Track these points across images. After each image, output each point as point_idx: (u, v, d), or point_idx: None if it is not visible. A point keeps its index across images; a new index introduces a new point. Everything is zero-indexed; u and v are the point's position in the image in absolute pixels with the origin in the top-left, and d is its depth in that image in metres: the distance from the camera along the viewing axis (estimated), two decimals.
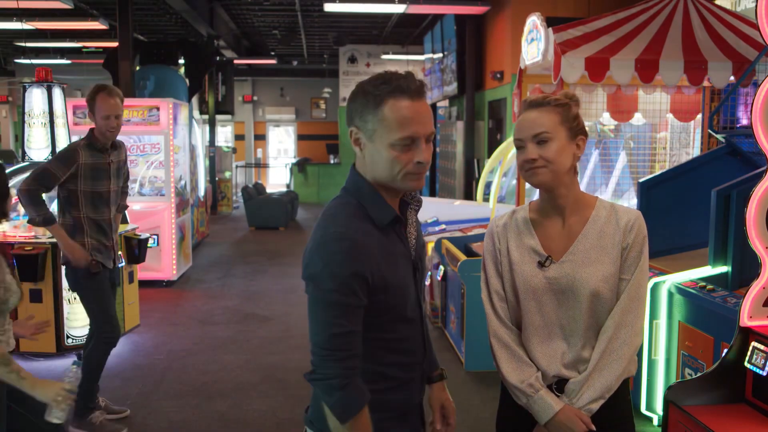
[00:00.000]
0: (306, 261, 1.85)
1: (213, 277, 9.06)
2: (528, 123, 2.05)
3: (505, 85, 11.03)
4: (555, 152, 2.03)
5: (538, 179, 2.05)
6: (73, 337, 5.57)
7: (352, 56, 18.75)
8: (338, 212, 1.85)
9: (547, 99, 2.08)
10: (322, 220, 1.87)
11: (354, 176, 1.90)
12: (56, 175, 4.08)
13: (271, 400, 4.87)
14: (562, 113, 2.06)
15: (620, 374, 2.07)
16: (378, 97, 1.76)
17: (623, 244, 2.07)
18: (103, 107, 4.04)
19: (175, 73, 12.42)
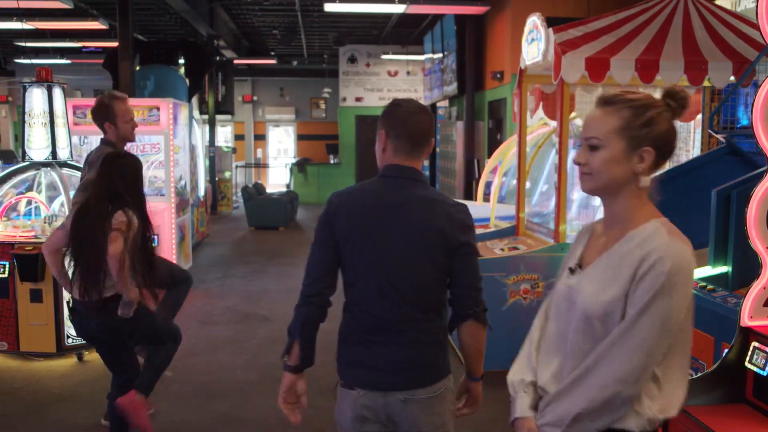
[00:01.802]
0: (469, 225, 2.38)
1: (213, 277, 9.06)
2: (587, 122, 1.87)
3: (505, 85, 11.03)
4: (601, 162, 1.82)
5: (582, 185, 1.89)
6: (73, 337, 5.57)
7: (352, 56, 18.75)
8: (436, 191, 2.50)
9: (618, 96, 1.84)
10: (446, 197, 2.46)
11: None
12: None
13: (272, 400, 4.83)
14: (627, 117, 1.81)
15: (583, 412, 1.79)
16: None
17: (636, 274, 1.77)
18: (123, 112, 4.28)
19: (175, 73, 12.43)
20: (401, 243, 2.32)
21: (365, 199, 2.41)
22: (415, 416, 2.32)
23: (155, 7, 12.76)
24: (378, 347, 2.36)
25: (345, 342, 2.51)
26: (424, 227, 2.31)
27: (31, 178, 6.00)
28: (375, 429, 2.39)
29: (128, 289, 3.59)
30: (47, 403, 4.81)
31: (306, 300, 2.45)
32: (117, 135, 4.30)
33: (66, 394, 4.96)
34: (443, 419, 2.38)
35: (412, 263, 2.32)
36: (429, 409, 2.33)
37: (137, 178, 3.74)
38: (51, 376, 5.35)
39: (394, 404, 2.33)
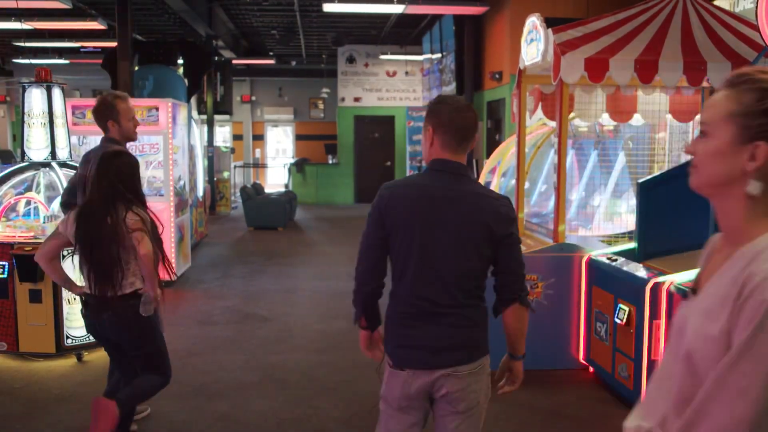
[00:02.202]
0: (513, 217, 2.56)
1: (212, 277, 9.06)
2: (705, 105, 1.52)
3: (503, 85, 11.04)
4: (703, 153, 1.49)
5: (689, 180, 1.56)
6: (73, 338, 5.57)
7: (351, 56, 18.75)
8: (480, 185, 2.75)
9: (746, 75, 1.44)
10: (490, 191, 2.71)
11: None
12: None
13: (272, 401, 4.87)
14: (747, 102, 1.41)
15: None
16: None
17: (737, 301, 1.35)
18: (126, 111, 4.35)
19: (174, 73, 12.42)
20: (447, 234, 2.50)
21: (413, 191, 2.58)
22: (454, 390, 2.53)
23: (154, 7, 12.76)
24: (424, 330, 2.54)
25: (394, 325, 2.65)
26: (471, 220, 2.50)
27: (30, 178, 5.99)
28: (418, 405, 2.61)
29: (157, 286, 3.67)
30: (47, 403, 4.81)
31: (360, 288, 2.69)
32: (120, 133, 4.36)
33: (65, 395, 4.96)
34: (478, 396, 2.59)
35: (458, 253, 2.50)
36: (467, 385, 2.54)
37: (135, 177, 3.77)
38: (50, 376, 5.35)
39: (437, 380, 2.53)
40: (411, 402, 2.59)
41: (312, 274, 9.23)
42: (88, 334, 3.91)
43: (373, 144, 19.27)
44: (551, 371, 5.27)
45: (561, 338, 5.32)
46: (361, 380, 5.24)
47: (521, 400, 4.72)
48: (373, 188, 16.68)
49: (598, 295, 5.01)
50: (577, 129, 6.78)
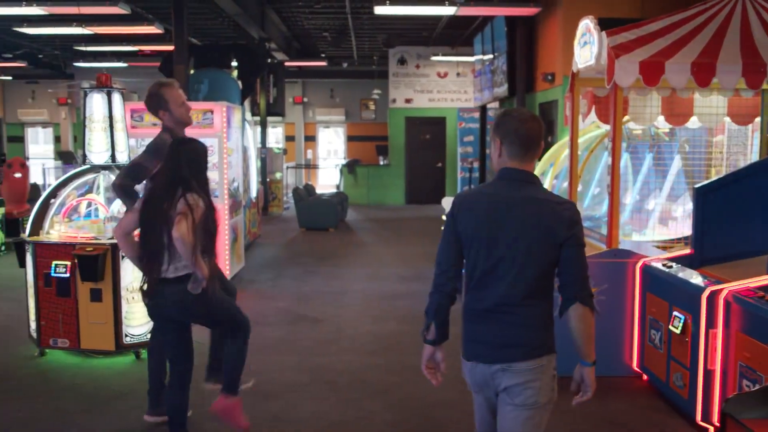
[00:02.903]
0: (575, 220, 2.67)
1: (265, 277, 9.19)
2: None
3: (556, 87, 10.93)
4: None
5: None
6: (132, 336, 5.72)
7: (402, 58, 18.78)
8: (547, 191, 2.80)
9: None
10: (554, 196, 2.76)
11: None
12: (148, 168, 4.34)
13: (322, 402, 4.93)
14: None
15: None
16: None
17: None
18: (174, 97, 4.40)
19: (228, 76, 12.63)
20: (512, 238, 2.66)
21: (483, 199, 2.78)
22: (510, 384, 2.69)
23: (209, 11, 12.99)
24: (488, 327, 2.74)
25: (466, 321, 2.85)
26: (532, 225, 2.65)
27: (91, 180, 6.16)
28: (487, 394, 2.83)
29: (199, 267, 3.74)
30: (106, 399, 4.96)
31: (437, 288, 2.86)
32: (173, 120, 4.44)
33: (124, 391, 5.10)
34: (537, 395, 2.69)
35: (522, 256, 2.66)
36: (524, 381, 2.67)
37: (201, 163, 3.90)
38: (110, 373, 5.51)
39: (495, 374, 2.72)
40: (481, 388, 2.83)
41: (363, 276, 9.29)
42: (149, 316, 4.03)
43: (424, 145, 19.27)
44: (604, 378, 5.18)
45: (614, 345, 5.25)
46: (411, 384, 5.27)
47: (572, 406, 4.68)
48: (423, 189, 16.71)
49: (653, 302, 4.94)
50: (631, 132, 6.69)
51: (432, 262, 3.01)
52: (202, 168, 3.91)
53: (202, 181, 3.88)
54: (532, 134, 2.72)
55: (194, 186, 3.80)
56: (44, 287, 5.72)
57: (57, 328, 5.72)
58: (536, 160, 2.76)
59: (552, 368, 2.74)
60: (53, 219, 5.99)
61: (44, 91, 22.93)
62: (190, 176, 3.80)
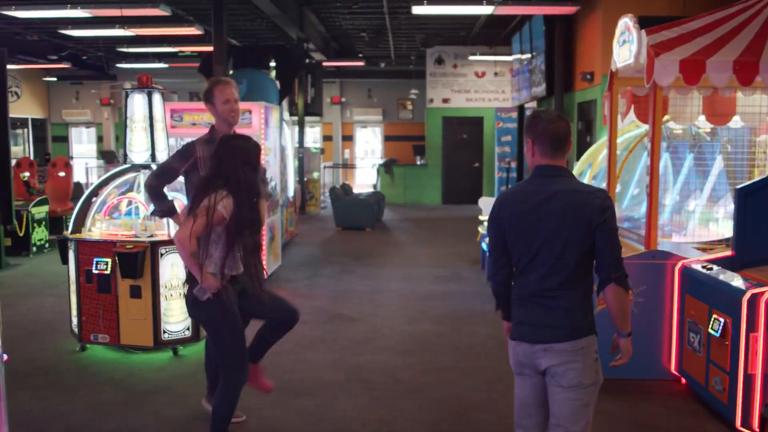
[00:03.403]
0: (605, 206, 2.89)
1: (301, 276, 9.25)
2: None
3: (595, 86, 10.81)
4: None
5: None
6: (170, 332, 5.81)
7: (439, 57, 18.74)
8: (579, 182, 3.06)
9: None
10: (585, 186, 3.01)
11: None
12: (175, 168, 4.44)
13: (357, 400, 4.95)
14: None
15: None
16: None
17: None
18: (222, 94, 4.44)
19: (266, 76, 12.73)
20: (545, 228, 2.90)
21: (521, 194, 3.02)
22: (552, 365, 2.90)
23: (248, 12, 13.12)
24: (532, 310, 2.98)
25: (514, 305, 3.08)
26: (565, 214, 2.88)
27: (132, 179, 6.27)
28: (530, 372, 3.01)
29: (199, 276, 3.67)
30: (144, 394, 5.04)
31: (492, 278, 3.16)
32: (217, 115, 4.50)
33: (162, 387, 5.18)
34: (580, 375, 2.88)
35: (559, 244, 2.89)
36: (565, 361, 2.88)
37: (247, 160, 3.77)
38: (148, 368, 5.60)
39: (536, 353, 2.93)
40: (522, 369, 3.03)
41: (399, 276, 9.29)
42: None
43: (462, 145, 19.21)
44: (641, 381, 5.14)
45: (652, 348, 5.18)
46: (445, 383, 5.26)
47: (609, 409, 4.64)
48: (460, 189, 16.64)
49: (692, 304, 4.85)
50: (671, 132, 6.59)
51: (468, 262, 3.13)
52: (246, 166, 3.75)
53: (241, 180, 3.72)
54: (560, 133, 2.96)
55: (232, 185, 3.70)
56: (86, 283, 5.84)
57: (97, 323, 5.84)
58: (566, 155, 3.00)
59: (593, 350, 2.93)
60: (95, 217, 6.11)
61: (88, 92, 23.39)
62: (232, 173, 3.70)
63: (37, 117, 23.24)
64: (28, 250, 10.66)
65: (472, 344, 6.20)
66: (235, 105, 4.49)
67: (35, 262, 10.28)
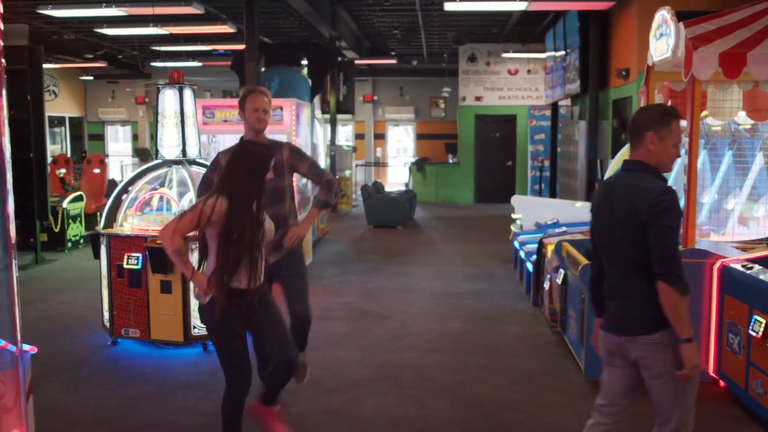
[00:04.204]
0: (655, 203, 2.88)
1: (332, 273, 9.23)
2: None
3: (631, 83, 10.63)
4: None
5: None
6: (200, 327, 5.81)
7: (472, 55, 18.63)
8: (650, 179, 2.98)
9: None
10: (647, 181, 2.95)
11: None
12: (209, 178, 4.49)
13: (386, 398, 4.90)
14: None
15: None
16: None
17: None
18: (253, 103, 4.47)
19: (298, 73, 12.75)
20: (610, 222, 3.04)
21: (601, 188, 3.22)
22: (639, 356, 3.00)
23: (280, 10, 13.14)
24: (613, 302, 3.11)
25: (605, 298, 3.19)
26: (623, 208, 2.97)
27: (163, 174, 6.30)
28: (619, 363, 3.12)
29: (190, 276, 3.62)
30: (173, 389, 5.05)
31: (585, 271, 3.38)
32: (245, 121, 4.54)
33: (191, 382, 5.19)
34: (667, 366, 2.94)
35: (618, 237, 3.01)
36: (650, 353, 2.96)
37: (252, 168, 3.61)
38: (178, 363, 5.61)
39: (623, 344, 3.05)
40: (612, 359, 3.13)
41: (429, 274, 9.23)
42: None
43: (494, 143, 19.07)
44: None
45: None
46: (475, 382, 5.19)
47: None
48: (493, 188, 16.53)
49: (731, 304, 4.72)
50: (710, 128, 6.42)
51: (500, 261, 3.12)
52: (250, 174, 3.57)
53: (241, 187, 3.54)
54: (635, 123, 3.05)
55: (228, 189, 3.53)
56: (117, 278, 5.87)
57: (128, 318, 5.87)
58: (644, 148, 2.99)
59: (671, 340, 2.92)
60: (126, 212, 6.14)
61: (123, 91, 23.69)
62: (236, 179, 3.56)
63: (74, 115, 23.59)
64: (63, 245, 10.80)
65: (502, 343, 6.12)
66: (263, 115, 4.49)
67: (70, 257, 10.41)
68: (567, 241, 6.17)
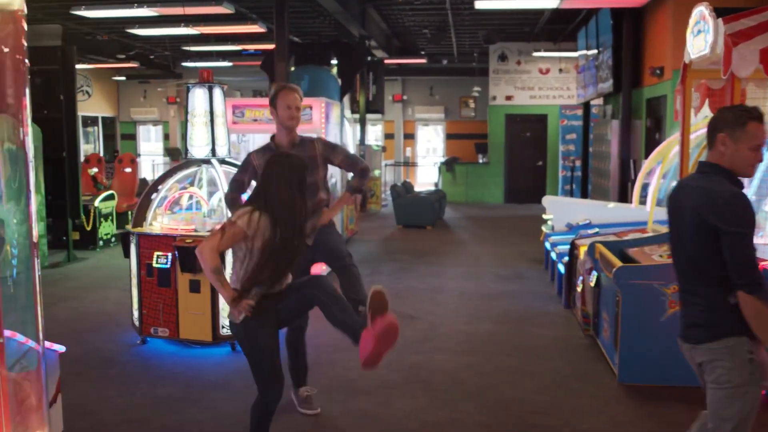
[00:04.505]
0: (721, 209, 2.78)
1: (361, 273, 9.15)
2: None
3: (665, 81, 10.44)
4: None
5: None
6: (228, 327, 5.79)
7: (503, 54, 18.47)
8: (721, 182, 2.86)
9: None
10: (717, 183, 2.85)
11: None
12: (240, 179, 4.57)
13: (415, 401, 4.83)
14: None
15: None
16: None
17: None
18: (285, 100, 4.46)
19: (327, 72, 12.74)
20: (678, 227, 3.00)
21: (673, 189, 3.14)
22: (702, 361, 2.94)
23: (310, 10, 13.14)
24: (681, 308, 3.08)
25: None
26: (689, 212, 2.90)
27: (193, 173, 6.30)
28: (694, 367, 3.06)
29: (224, 294, 3.52)
30: (201, 389, 5.03)
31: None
32: (277, 119, 4.51)
33: (219, 382, 5.17)
34: (728, 375, 2.84)
35: (684, 241, 2.96)
36: (712, 359, 2.88)
37: (264, 181, 3.59)
38: (206, 363, 5.60)
39: (690, 349, 2.99)
40: (691, 363, 3.07)
41: (459, 274, 9.14)
42: None
43: (525, 143, 18.90)
44: None
45: None
46: (506, 386, 5.10)
47: (676, 416, 4.40)
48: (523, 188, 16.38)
49: None
50: None
51: (531, 262, 2.99)
52: (282, 186, 3.51)
53: (275, 200, 3.50)
54: (709, 123, 2.95)
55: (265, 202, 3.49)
56: (146, 277, 5.88)
57: (158, 317, 5.87)
58: (716, 149, 2.90)
59: (744, 351, 2.83)
60: (156, 211, 6.15)
61: (155, 91, 23.91)
62: (268, 192, 3.52)
63: (107, 115, 23.88)
64: (95, 244, 10.89)
65: (534, 345, 6.02)
66: (295, 112, 4.48)
67: (101, 255, 10.49)
68: (600, 242, 6.05)
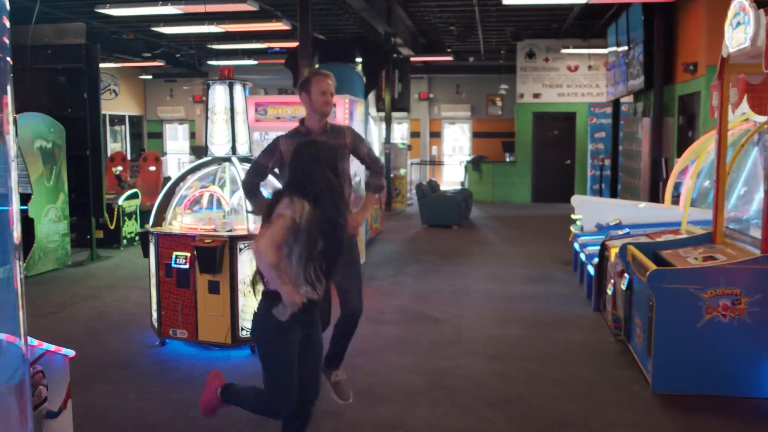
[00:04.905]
0: None
1: (385, 274, 9.03)
2: None
3: (698, 77, 10.15)
4: None
5: None
6: (247, 329, 5.66)
7: (530, 51, 18.21)
8: None
9: None
10: None
11: None
12: (263, 165, 4.46)
13: (439, 409, 4.66)
14: None
15: None
16: None
17: None
18: (319, 85, 4.38)
19: (352, 69, 12.60)
20: None
21: None
22: None
23: (335, 7, 13.02)
24: None
25: None
26: None
27: (213, 172, 6.18)
28: None
29: (282, 290, 3.24)
30: None
31: None
32: (310, 104, 4.41)
33: None
34: None
35: None
36: None
37: (296, 167, 3.41)
38: (225, 366, 5.47)
39: None
40: None
41: (486, 276, 8.94)
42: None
43: (553, 142, 18.62)
44: (755, 400, 4.64)
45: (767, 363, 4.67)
46: (534, 393, 4.90)
47: (715, 429, 4.18)
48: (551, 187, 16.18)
49: None
50: None
51: (559, 264, 2.74)
52: (298, 173, 3.38)
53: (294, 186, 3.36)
54: None
55: (293, 192, 3.33)
56: (165, 278, 5.78)
57: (176, 318, 5.76)
58: None
59: None
60: (175, 210, 6.04)
61: (181, 90, 23.98)
62: (303, 179, 3.36)
63: (133, 114, 23.98)
64: (119, 242, 10.86)
65: (563, 351, 5.81)
66: (330, 98, 4.42)
67: (125, 254, 10.45)
68: (632, 244, 5.83)
